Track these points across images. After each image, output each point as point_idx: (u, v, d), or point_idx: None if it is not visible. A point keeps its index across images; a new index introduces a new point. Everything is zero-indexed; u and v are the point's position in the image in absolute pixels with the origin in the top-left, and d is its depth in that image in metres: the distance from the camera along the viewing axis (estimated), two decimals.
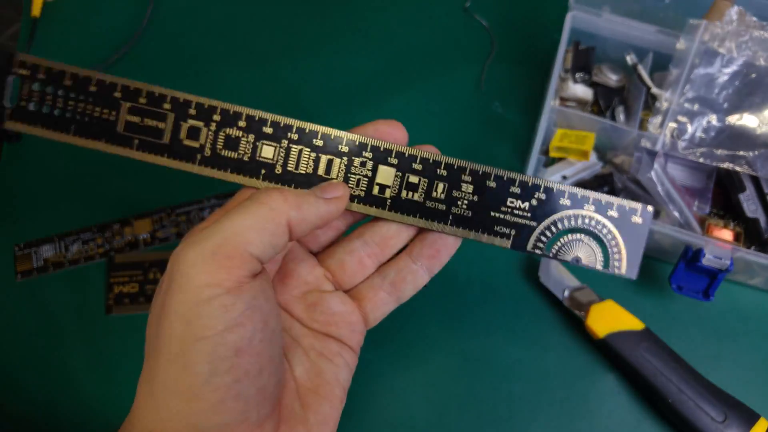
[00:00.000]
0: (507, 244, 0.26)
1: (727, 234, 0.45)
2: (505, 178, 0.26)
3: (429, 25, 0.58)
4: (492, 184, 0.26)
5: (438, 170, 0.26)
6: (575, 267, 0.46)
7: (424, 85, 0.55)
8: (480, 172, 0.26)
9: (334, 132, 0.27)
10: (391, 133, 0.28)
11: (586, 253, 0.27)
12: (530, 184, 0.26)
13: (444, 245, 0.28)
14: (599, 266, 0.27)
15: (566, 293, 0.45)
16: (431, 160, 0.26)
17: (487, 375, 0.44)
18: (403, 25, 0.58)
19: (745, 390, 0.42)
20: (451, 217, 0.26)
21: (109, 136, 0.27)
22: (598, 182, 0.48)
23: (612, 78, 0.50)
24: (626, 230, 0.26)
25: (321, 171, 0.27)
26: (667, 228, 0.42)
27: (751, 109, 0.45)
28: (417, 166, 0.26)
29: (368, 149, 0.27)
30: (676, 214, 0.44)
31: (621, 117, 0.49)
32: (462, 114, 0.54)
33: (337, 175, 0.27)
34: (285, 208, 0.24)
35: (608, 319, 0.43)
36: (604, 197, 0.26)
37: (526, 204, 0.26)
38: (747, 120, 0.45)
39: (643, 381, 0.42)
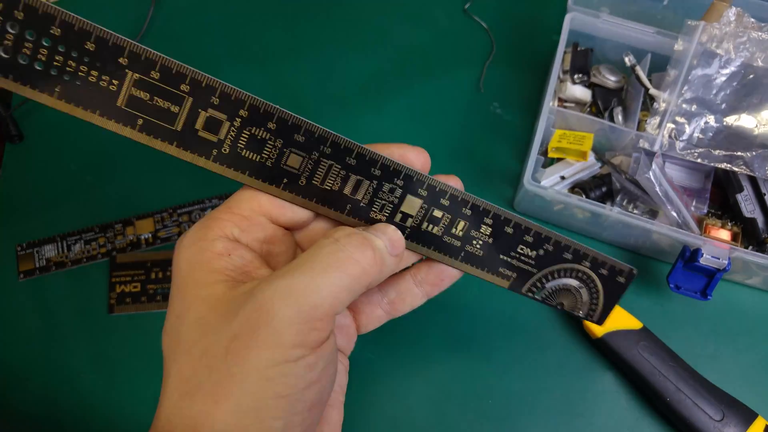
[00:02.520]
0: (506, 284, 0.27)
1: (724, 234, 0.45)
2: (522, 227, 0.27)
3: (429, 27, 0.58)
4: (509, 230, 0.27)
5: (463, 209, 0.26)
6: None
7: (424, 86, 0.56)
8: (501, 218, 0.27)
9: (369, 153, 0.25)
10: (415, 161, 0.27)
11: (570, 301, 0.28)
12: (543, 235, 0.27)
13: (449, 276, 0.29)
14: (578, 314, 0.28)
15: None
16: (460, 198, 0.26)
17: (486, 373, 0.45)
18: (403, 26, 0.58)
19: (743, 389, 0.42)
20: (463, 254, 0.27)
21: (105, 109, 0.23)
22: (596, 183, 0.48)
23: (610, 79, 0.51)
24: (609, 287, 0.28)
25: (347, 190, 0.25)
26: (665, 228, 0.43)
27: (749, 109, 0.45)
28: (444, 202, 0.26)
29: (401, 177, 0.25)
30: (674, 214, 0.45)
31: (619, 118, 0.49)
32: (461, 114, 0.54)
33: (363, 197, 0.25)
34: (372, 271, 0.23)
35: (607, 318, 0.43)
36: (602, 257, 0.28)
37: (534, 252, 0.27)
38: (745, 121, 0.45)
39: (641, 380, 0.42)
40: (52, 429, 0.44)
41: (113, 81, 0.22)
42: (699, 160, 0.44)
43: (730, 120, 0.45)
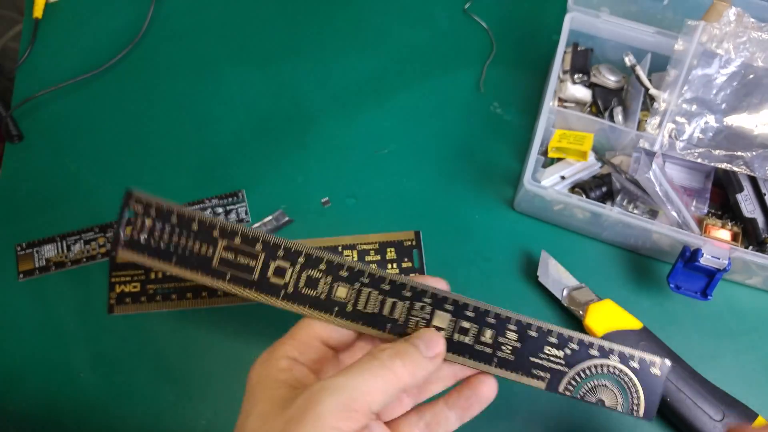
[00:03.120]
0: (543, 386, 0.30)
1: (724, 234, 0.45)
2: (544, 330, 0.30)
3: (429, 27, 0.58)
4: (533, 333, 0.30)
5: (487, 318, 0.30)
6: (574, 267, 0.47)
7: (424, 86, 0.56)
8: (523, 323, 0.30)
9: (400, 278, 0.30)
10: (437, 285, 0.31)
11: (609, 397, 0.29)
12: (565, 336, 0.30)
13: (478, 401, 0.31)
14: (620, 409, 0.30)
15: (565, 292, 0.46)
16: (482, 309, 0.30)
17: None
18: (403, 26, 0.58)
19: (743, 389, 0.42)
20: (496, 360, 0.30)
21: (205, 269, 0.30)
22: (596, 183, 0.48)
23: (610, 79, 0.51)
24: (645, 380, 0.29)
25: (386, 312, 0.30)
26: (665, 228, 0.43)
27: (749, 109, 0.45)
28: (469, 313, 0.30)
29: (428, 296, 0.30)
30: (674, 214, 0.45)
31: (619, 118, 0.49)
32: (461, 114, 0.54)
33: (400, 315, 0.30)
34: (404, 375, 0.27)
35: (606, 318, 0.43)
36: (627, 350, 0.30)
37: (561, 352, 0.30)
38: (745, 121, 0.45)
39: None
40: (52, 429, 0.44)
41: (209, 248, 0.30)
42: (699, 160, 0.44)
43: (730, 120, 0.45)
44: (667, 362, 0.30)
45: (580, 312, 0.44)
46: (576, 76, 0.50)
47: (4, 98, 0.55)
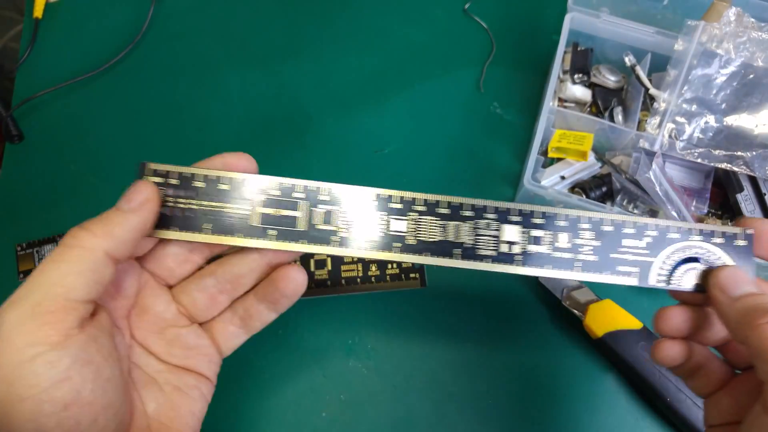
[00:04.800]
0: (635, 281, 0.28)
1: None
2: (619, 221, 0.28)
3: (429, 27, 0.58)
4: (608, 228, 0.28)
5: (557, 222, 0.28)
6: None
7: (424, 86, 0.56)
8: (595, 219, 0.28)
9: (456, 199, 0.28)
10: None
11: (703, 279, 0.28)
12: (640, 224, 0.28)
13: (282, 296, 0.29)
14: None
15: (565, 292, 0.46)
16: (550, 213, 0.28)
17: (486, 373, 0.45)
18: (403, 26, 0.58)
19: None
20: (579, 264, 0.28)
21: (247, 231, 0.27)
22: (596, 183, 0.48)
23: (610, 79, 0.51)
24: (733, 253, 0.28)
25: (451, 236, 0.28)
26: None
27: (749, 109, 0.45)
28: (538, 221, 0.28)
29: (491, 210, 0.28)
30: (674, 214, 0.45)
31: (619, 118, 0.49)
32: (461, 115, 0.54)
33: (468, 238, 0.28)
34: (96, 242, 0.24)
35: (606, 318, 0.43)
36: (708, 227, 0.28)
37: (642, 242, 0.28)
38: (745, 120, 0.45)
39: (642, 380, 0.42)
40: None
41: (246, 207, 0.28)
42: (699, 160, 0.44)
43: (730, 120, 0.45)
44: (749, 230, 0.28)
45: (580, 312, 0.44)
46: (576, 76, 0.50)
47: (4, 98, 0.55)
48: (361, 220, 0.28)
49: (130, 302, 0.28)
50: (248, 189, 0.28)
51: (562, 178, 0.49)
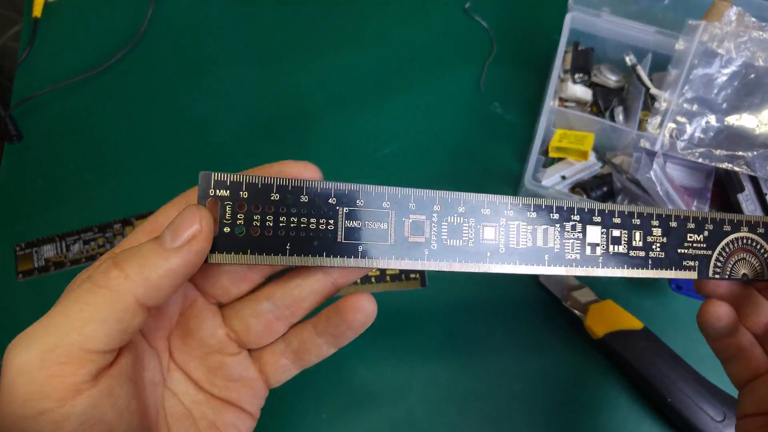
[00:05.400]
0: (694, 275, 0.29)
1: None
2: (682, 217, 0.29)
3: (429, 26, 0.58)
4: (674, 224, 0.29)
5: (633, 220, 0.28)
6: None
7: (424, 86, 0.56)
8: (663, 215, 0.28)
9: (544, 201, 0.27)
10: None
11: (750, 269, 0.29)
12: (700, 218, 0.29)
13: (348, 329, 0.26)
14: (767, 276, 0.29)
15: (565, 293, 0.45)
16: (627, 212, 0.28)
17: (487, 374, 0.45)
18: (403, 26, 0.58)
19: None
20: (650, 262, 0.28)
21: (330, 249, 0.24)
22: (597, 182, 0.48)
23: (611, 78, 0.50)
24: None
25: (540, 242, 0.26)
26: None
27: (750, 109, 0.45)
28: (616, 220, 0.28)
29: (575, 212, 0.27)
30: None
31: (620, 117, 0.49)
32: (461, 114, 0.54)
33: (554, 243, 0.27)
34: (128, 286, 0.20)
35: (607, 318, 0.43)
36: (754, 217, 0.29)
37: (701, 236, 0.29)
38: (746, 120, 0.45)
39: (643, 380, 0.42)
40: None
41: (329, 221, 0.24)
42: (700, 160, 0.44)
43: (731, 120, 0.45)
44: None
45: (581, 313, 0.44)
46: (577, 76, 0.50)
47: (4, 98, 0.54)
48: (453, 229, 0.26)
49: (172, 321, 0.25)
50: (327, 199, 0.24)
51: (563, 177, 0.49)
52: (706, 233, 0.29)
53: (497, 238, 0.26)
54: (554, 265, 0.26)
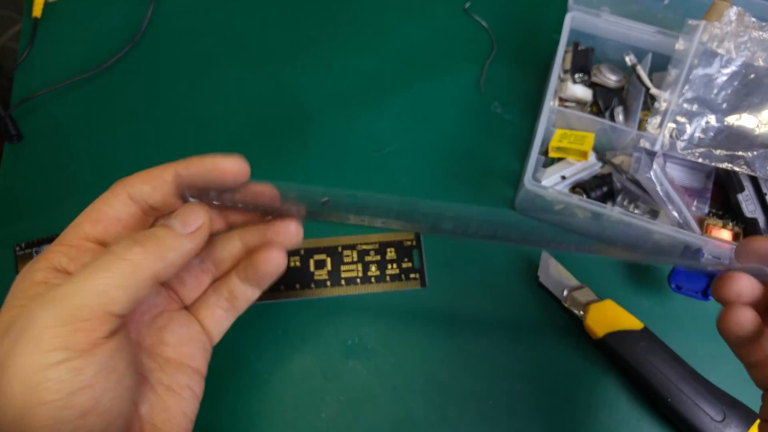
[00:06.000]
0: None
1: (725, 234, 0.45)
2: None
3: (429, 26, 0.58)
4: None
5: None
6: (575, 267, 0.46)
7: (424, 86, 0.55)
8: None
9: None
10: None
11: None
12: None
13: (264, 276, 0.29)
14: None
15: (565, 293, 0.45)
16: None
17: (487, 374, 0.45)
18: (403, 26, 0.58)
19: (744, 389, 0.42)
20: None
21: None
22: (597, 183, 0.48)
23: (611, 78, 0.50)
24: None
25: None
26: (666, 228, 0.43)
27: (750, 109, 0.45)
28: None
29: None
30: (675, 214, 0.45)
31: (620, 117, 0.49)
32: (461, 114, 0.54)
33: None
34: (149, 262, 0.23)
35: (607, 318, 0.43)
36: None
37: None
38: (746, 120, 0.45)
39: (642, 380, 0.42)
40: None
41: None
42: (700, 160, 0.44)
43: (731, 120, 0.45)
44: None
45: (581, 312, 0.44)
46: (577, 76, 0.50)
47: (3, 98, 0.54)
48: None
49: None
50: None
51: (563, 178, 0.49)
52: None
53: None
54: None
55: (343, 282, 0.47)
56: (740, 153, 0.44)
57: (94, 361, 0.21)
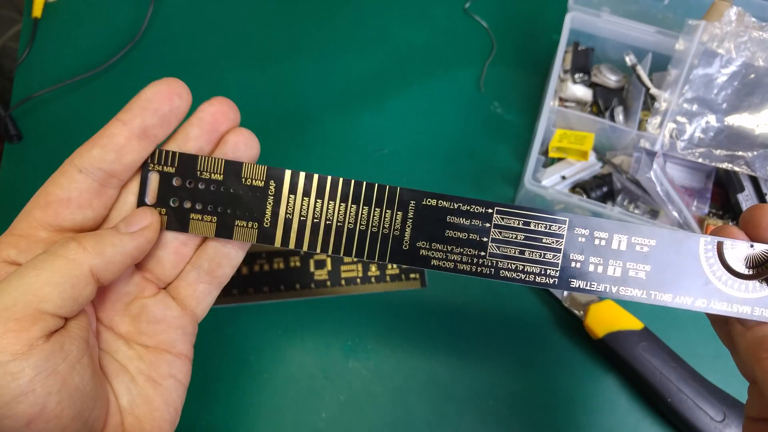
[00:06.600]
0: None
1: None
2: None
3: (429, 26, 0.58)
4: None
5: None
6: None
7: (424, 86, 0.56)
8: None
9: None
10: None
11: None
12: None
13: (224, 263, 0.27)
14: None
15: (565, 293, 0.45)
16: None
17: (486, 374, 0.45)
18: (403, 26, 0.58)
19: (744, 389, 0.42)
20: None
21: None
22: (597, 183, 0.48)
23: (611, 78, 0.50)
24: None
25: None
26: (666, 228, 0.43)
27: (750, 109, 0.45)
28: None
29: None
30: (675, 214, 0.45)
31: (620, 117, 0.49)
32: (461, 114, 0.54)
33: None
34: (85, 258, 0.22)
35: (607, 318, 0.43)
36: None
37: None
38: (746, 120, 0.45)
39: (642, 381, 0.42)
40: None
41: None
42: (700, 160, 0.44)
43: (731, 120, 0.45)
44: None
45: (581, 313, 0.44)
46: (577, 76, 0.50)
47: (3, 98, 0.54)
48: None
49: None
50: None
51: (563, 178, 0.49)
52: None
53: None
54: None
55: (343, 282, 0.47)
56: (740, 153, 0.44)
57: (29, 364, 0.20)
